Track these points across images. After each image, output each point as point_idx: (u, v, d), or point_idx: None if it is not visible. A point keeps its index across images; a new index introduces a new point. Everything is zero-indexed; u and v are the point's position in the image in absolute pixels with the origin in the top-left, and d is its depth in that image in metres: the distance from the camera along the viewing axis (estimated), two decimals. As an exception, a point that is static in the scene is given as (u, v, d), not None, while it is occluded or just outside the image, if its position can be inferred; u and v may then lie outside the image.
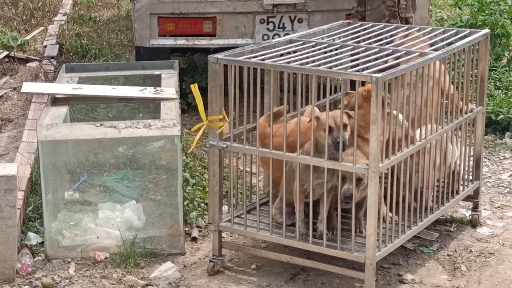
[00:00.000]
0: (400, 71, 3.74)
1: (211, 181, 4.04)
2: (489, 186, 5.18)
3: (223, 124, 3.95)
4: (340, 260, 3.97)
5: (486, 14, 7.13)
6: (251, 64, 3.88)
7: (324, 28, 4.60)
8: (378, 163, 3.63)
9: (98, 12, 10.00)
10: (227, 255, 4.26)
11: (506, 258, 4.27)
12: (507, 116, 5.99)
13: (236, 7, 6.07)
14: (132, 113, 5.08)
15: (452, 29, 4.52)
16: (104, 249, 4.27)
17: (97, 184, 4.64)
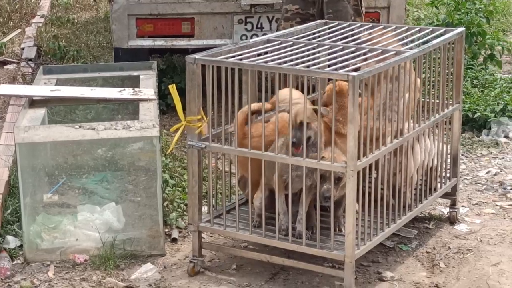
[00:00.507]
0: (377, 69, 3.76)
1: (190, 181, 4.05)
2: (467, 183, 5.23)
3: (201, 125, 3.96)
4: (320, 258, 3.99)
5: (462, 13, 7.18)
6: (229, 64, 3.88)
7: (302, 28, 4.62)
8: (355, 161, 3.65)
9: (76, 13, 9.97)
10: (207, 256, 4.26)
11: (484, 254, 4.31)
12: (483, 114, 6.04)
13: (214, 8, 6.08)
14: (111, 114, 5.08)
15: (428, 28, 4.55)
16: (83, 252, 4.26)
17: (76, 186, 4.63)
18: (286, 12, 5.47)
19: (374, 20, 6.02)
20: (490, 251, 4.34)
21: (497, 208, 4.88)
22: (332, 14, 5.39)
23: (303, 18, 5.39)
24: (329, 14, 5.41)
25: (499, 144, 5.82)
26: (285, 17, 5.48)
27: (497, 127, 5.98)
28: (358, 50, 4.07)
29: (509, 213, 4.81)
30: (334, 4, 5.41)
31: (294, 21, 5.40)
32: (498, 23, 9.00)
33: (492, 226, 4.65)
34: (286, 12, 5.47)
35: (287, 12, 5.47)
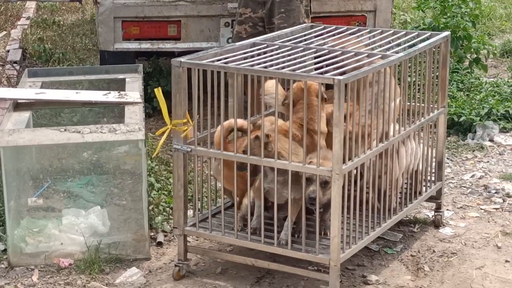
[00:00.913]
0: (363, 73, 3.77)
1: (176, 185, 4.04)
2: (452, 187, 5.24)
3: (187, 128, 3.95)
4: (305, 262, 3.99)
5: (448, 16, 7.21)
6: (215, 68, 3.88)
7: (288, 31, 4.62)
8: (341, 165, 3.66)
9: (62, 16, 9.95)
10: (193, 259, 4.25)
11: (468, 258, 4.32)
12: (469, 118, 6.06)
13: (200, 11, 6.07)
14: (96, 117, 5.06)
15: (414, 32, 4.57)
16: (68, 256, 4.24)
17: (61, 190, 4.61)
18: (240, 16, 5.48)
19: (361, 24, 6.03)
20: (474, 255, 4.36)
21: (481, 211, 4.90)
22: (285, 14, 5.39)
23: (254, 23, 5.40)
24: (281, 14, 5.40)
25: (484, 147, 5.84)
26: (238, 21, 5.49)
27: (482, 131, 6.00)
28: (344, 53, 4.08)
29: (493, 216, 4.83)
30: (287, 4, 5.40)
31: (247, 25, 5.42)
32: (484, 27, 9.04)
33: (476, 229, 4.66)
34: (240, 16, 5.48)
35: (241, 16, 5.48)
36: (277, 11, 5.40)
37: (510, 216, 4.83)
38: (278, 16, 5.38)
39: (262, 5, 5.44)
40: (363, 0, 6.10)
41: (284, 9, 5.40)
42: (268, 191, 3.87)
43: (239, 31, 5.42)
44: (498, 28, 9.15)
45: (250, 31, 5.38)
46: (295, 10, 5.41)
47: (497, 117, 6.13)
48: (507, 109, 6.21)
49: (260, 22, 5.42)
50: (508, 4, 10.18)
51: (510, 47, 8.24)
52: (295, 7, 5.41)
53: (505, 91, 6.60)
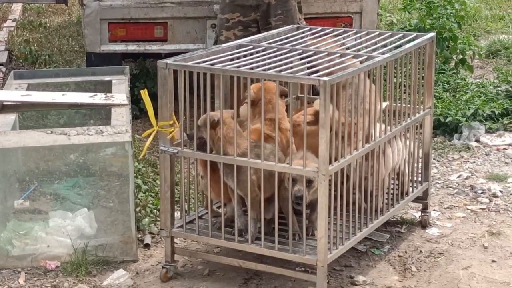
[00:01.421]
0: (348, 74, 3.78)
1: (163, 187, 4.04)
2: (438, 187, 5.26)
3: (173, 130, 3.95)
4: (292, 263, 4.00)
5: (434, 18, 7.24)
6: (201, 69, 3.88)
7: (274, 33, 4.63)
8: (327, 166, 3.66)
9: (49, 18, 9.92)
10: (180, 261, 4.25)
11: (455, 258, 4.34)
12: (455, 118, 6.08)
13: (187, 12, 6.08)
14: (83, 119, 5.05)
15: (399, 33, 4.58)
16: (55, 258, 4.23)
17: (47, 192, 4.59)
18: (227, 21, 5.43)
19: (347, 25, 6.05)
20: (461, 255, 4.38)
21: (468, 212, 4.92)
22: (282, 14, 5.40)
23: (245, 26, 5.39)
24: (278, 15, 5.39)
25: (470, 148, 5.87)
26: (226, 26, 5.43)
27: (468, 131, 6.03)
28: (330, 55, 4.09)
29: (480, 217, 4.85)
30: (284, 5, 5.41)
31: (237, 30, 5.38)
32: (470, 28, 9.08)
33: (463, 229, 4.68)
34: (227, 21, 5.43)
35: (227, 22, 5.43)
36: (274, 13, 5.41)
37: (496, 216, 4.86)
38: (276, 17, 5.39)
39: (255, 8, 5.42)
40: (349, 2, 6.12)
41: (282, 10, 5.41)
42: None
43: (228, 37, 5.35)
44: (483, 29, 9.19)
45: (241, 35, 5.32)
46: (291, 10, 5.43)
47: (483, 118, 6.16)
48: (493, 109, 6.24)
49: (253, 24, 5.40)
50: (493, 5, 10.24)
51: (496, 48, 8.29)
52: (292, 7, 5.44)
53: (490, 92, 6.64)
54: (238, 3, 5.41)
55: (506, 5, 10.29)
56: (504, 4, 10.31)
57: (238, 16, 5.42)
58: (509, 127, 6.16)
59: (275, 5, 5.40)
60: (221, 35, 5.41)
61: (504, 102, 6.39)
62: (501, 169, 5.54)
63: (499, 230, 4.66)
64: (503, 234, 4.62)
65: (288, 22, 5.25)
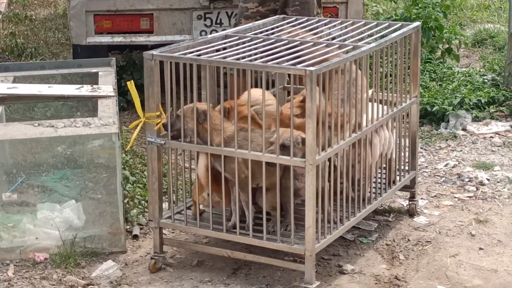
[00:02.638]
0: (334, 64, 3.78)
1: (150, 178, 4.04)
2: (426, 176, 5.29)
3: (160, 121, 3.95)
4: (281, 253, 4.01)
5: (420, 7, 7.26)
6: (187, 60, 3.88)
7: (260, 23, 4.63)
8: (314, 156, 3.67)
9: (34, 10, 9.87)
10: (169, 252, 4.26)
11: (443, 246, 4.36)
12: (442, 107, 6.11)
13: (173, 4, 6.06)
14: (70, 112, 5.04)
15: (385, 22, 4.59)
16: (43, 250, 4.23)
17: (35, 184, 4.58)
18: (247, 11, 5.47)
19: (333, 15, 6.05)
20: (448, 243, 4.40)
21: (455, 200, 4.95)
22: (299, 6, 5.43)
23: (263, 16, 5.37)
24: (295, 6, 5.43)
25: (457, 136, 5.90)
26: (245, 15, 5.47)
27: (455, 120, 6.06)
28: (316, 45, 4.09)
29: (467, 205, 4.88)
30: None
31: (255, 20, 5.38)
32: (456, 17, 9.11)
33: (450, 218, 4.71)
34: (247, 11, 5.47)
35: (247, 11, 5.47)
36: (292, 3, 5.44)
37: (483, 204, 4.88)
38: (293, 8, 5.42)
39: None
40: (335, -9, 6.12)
41: (299, 2, 5.43)
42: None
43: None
44: (469, 18, 9.22)
45: None
46: (309, 2, 5.45)
47: (470, 106, 6.18)
48: (479, 98, 6.26)
49: (272, 14, 5.38)
50: (479, -5, 10.26)
51: (482, 37, 8.32)
52: (310, 0, 5.44)
53: (477, 81, 6.66)
54: None
55: (491, -6, 10.32)
56: (490, -7, 10.34)
57: (257, 6, 5.46)
58: (495, 116, 6.19)
59: None
60: (240, 23, 5.42)
61: (490, 91, 6.42)
62: (487, 157, 5.58)
63: (486, 217, 4.69)
64: (490, 222, 4.65)
65: (304, 14, 5.26)
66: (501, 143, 5.79)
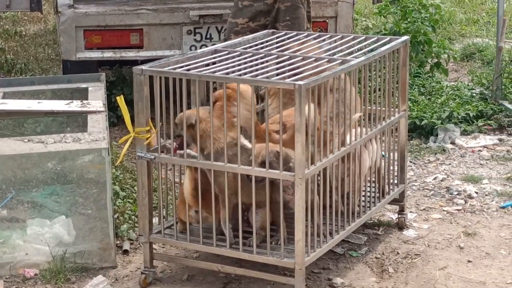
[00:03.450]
0: (323, 78, 3.81)
1: (140, 193, 4.05)
2: (415, 189, 5.31)
3: (150, 136, 3.96)
4: (271, 266, 4.02)
5: (409, 22, 7.30)
6: (176, 75, 3.90)
7: (250, 38, 4.66)
8: (304, 169, 3.69)
9: (24, 26, 9.88)
10: (159, 267, 4.26)
11: (431, 259, 4.38)
12: (430, 121, 6.14)
13: (162, 19, 6.09)
14: (60, 127, 5.04)
15: (374, 37, 4.63)
16: (33, 266, 4.22)
17: (25, 200, 4.57)
18: (237, 26, 5.50)
19: (322, 30, 6.09)
20: (437, 256, 4.42)
21: (444, 213, 4.97)
22: (290, 21, 5.45)
23: (254, 31, 5.38)
24: (286, 21, 5.45)
25: (445, 150, 5.93)
26: (235, 31, 5.49)
27: (444, 134, 6.09)
28: (305, 59, 4.12)
29: (455, 218, 4.90)
30: (293, 12, 5.46)
31: (245, 35, 5.41)
32: (445, 32, 9.16)
33: (439, 231, 4.73)
34: (237, 26, 5.50)
35: (237, 26, 5.49)
36: (282, 19, 5.47)
37: (472, 217, 4.91)
38: (283, 23, 5.44)
39: (266, 13, 5.49)
40: (324, 6, 6.16)
41: (290, 17, 5.46)
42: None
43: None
44: (458, 33, 9.28)
45: None
46: (300, 18, 5.48)
47: (458, 120, 6.22)
48: (468, 112, 6.30)
49: (262, 29, 5.40)
50: (468, 9, 10.34)
51: (470, 51, 8.37)
52: (300, 15, 5.48)
53: (465, 95, 6.70)
54: (250, 8, 5.47)
55: (480, 8, 10.39)
56: (479, 8, 10.41)
57: (247, 21, 5.48)
58: (483, 129, 6.23)
59: (284, 11, 5.46)
60: (230, 38, 5.43)
61: (479, 105, 6.46)
62: (476, 170, 5.61)
63: (475, 230, 4.71)
64: (478, 235, 4.67)
65: (295, 29, 5.29)
66: (489, 157, 5.82)
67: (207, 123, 3.85)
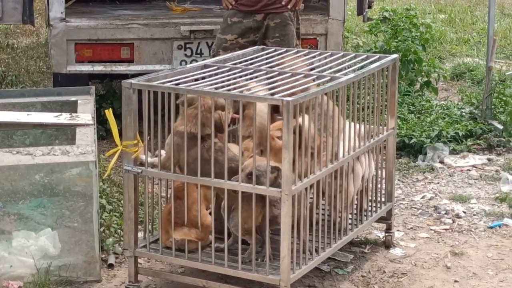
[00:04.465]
0: (311, 94, 3.81)
1: (126, 207, 4.03)
2: (403, 207, 5.31)
3: (137, 149, 3.95)
4: (256, 283, 4.00)
5: (399, 40, 7.33)
6: (165, 89, 3.90)
7: (239, 54, 4.67)
8: (290, 186, 3.69)
9: (17, 39, 9.88)
10: (144, 281, 4.24)
11: (418, 278, 4.37)
12: (419, 140, 6.15)
13: (153, 33, 6.10)
14: (49, 140, 5.03)
15: (363, 54, 4.64)
16: (18, 278, 4.19)
17: (11, 212, 4.55)
18: (225, 42, 5.51)
19: (312, 47, 6.11)
20: (424, 275, 4.41)
21: (431, 232, 4.97)
22: (279, 38, 5.47)
23: (242, 48, 5.41)
24: (275, 38, 5.48)
25: (434, 169, 5.93)
26: (223, 47, 5.50)
27: (433, 153, 6.09)
28: (294, 75, 4.13)
29: (443, 237, 4.90)
30: (282, 29, 5.49)
31: (233, 51, 5.42)
32: (435, 51, 9.20)
33: (426, 250, 4.72)
34: (225, 42, 5.51)
35: (226, 42, 5.51)
36: (271, 35, 5.50)
37: (459, 237, 4.91)
38: (273, 40, 5.47)
39: (255, 30, 5.51)
40: (315, 24, 6.18)
41: (279, 34, 5.49)
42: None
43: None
44: (448, 52, 9.32)
45: None
46: (289, 34, 5.51)
47: (447, 139, 6.23)
48: (457, 131, 6.32)
49: (251, 45, 5.41)
50: (458, 29, 10.39)
51: (460, 71, 8.40)
52: (290, 32, 5.51)
53: (455, 114, 6.72)
54: (239, 25, 5.49)
55: (471, 28, 10.44)
56: (469, 28, 10.46)
57: (236, 38, 5.50)
58: (472, 149, 6.24)
59: (273, 27, 5.49)
60: (218, 54, 5.44)
61: (468, 124, 6.48)
62: (464, 190, 5.61)
63: (462, 250, 4.71)
64: (465, 254, 4.66)
65: (284, 45, 5.28)
66: (478, 176, 5.83)
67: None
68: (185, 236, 3.94)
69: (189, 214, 3.96)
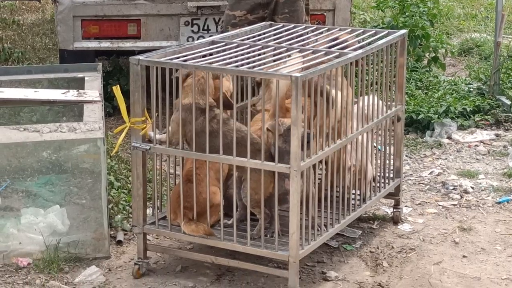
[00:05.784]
0: (320, 70, 3.80)
1: (135, 183, 4.04)
2: (410, 183, 5.30)
3: (145, 126, 3.95)
4: (265, 259, 4.01)
5: (407, 16, 7.29)
6: (173, 65, 3.88)
7: (247, 30, 4.64)
8: (299, 162, 3.68)
9: (22, 15, 9.85)
10: (153, 258, 4.25)
11: (426, 253, 4.38)
12: (427, 116, 6.13)
13: (160, 10, 6.07)
14: (56, 117, 5.03)
15: (371, 30, 4.61)
16: (27, 255, 4.21)
17: (20, 189, 4.56)
18: (234, 18, 5.48)
19: (320, 22, 6.08)
20: (432, 250, 4.42)
21: (439, 207, 4.97)
22: (289, 14, 5.44)
23: (251, 24, 5.37)
24: (284, 14, 5.44)
25: (442, 145, 5.92)
26: (232, 23, 5.47)
27: (440, 128, 6.08)
28: (302, 51, 4.10)
29: (451, 212, 4.90)
30: (291, 4, 5.46)
31: (242, 27, 5.39)
32: (442, 26, 9.15)
33: (434, 225, 4.72)
34: (234, 18, 5.48)
35: (235, 18, 5.48)
36: (280, 11, 5.46)
37: (467, 212, 4.90)
38: (282, 16, 5.43)
39: (264, 6, 5.47)
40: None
41: (288, 10, 5.45)
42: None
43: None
44: (456, 28, 9.27)
45: None
46: (298, 10, 5.47)
47: (455, 115, 6.21)
48: (465, 107, 6.30)
49: (260, 21, 5.38)
50: (466, 4, 10.32)
51: (468, 46, 8.36)
52: (299, 8, 5.47)
53: (462, 89, 6.70)
54: (248, 1, 5.45)
55: (478, 3, 10.38)
56: (477, 3, 10.39)
57: (245, 14, 5.46)
58: (480, 124, 6.22)
59: (282, 3, 5.45)
60: (227, 30, 5.41)
61: (476, 100, 6.45)
62: (472, 165, 5.60)
63: (470, 225, 4.71)
64: (473, 230, 4.66)
65: (293, 21, 5.27)
66: (485, 152, 5.81)
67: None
68: (193, 232, 3.94)
69: (199, 197, 3.96)
